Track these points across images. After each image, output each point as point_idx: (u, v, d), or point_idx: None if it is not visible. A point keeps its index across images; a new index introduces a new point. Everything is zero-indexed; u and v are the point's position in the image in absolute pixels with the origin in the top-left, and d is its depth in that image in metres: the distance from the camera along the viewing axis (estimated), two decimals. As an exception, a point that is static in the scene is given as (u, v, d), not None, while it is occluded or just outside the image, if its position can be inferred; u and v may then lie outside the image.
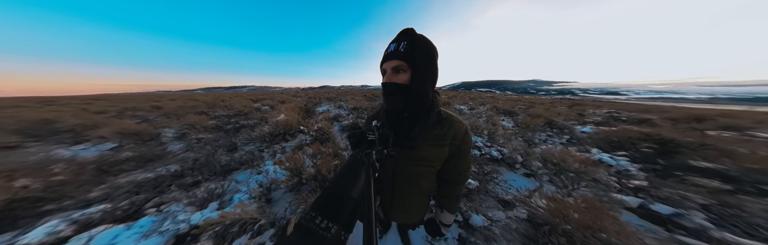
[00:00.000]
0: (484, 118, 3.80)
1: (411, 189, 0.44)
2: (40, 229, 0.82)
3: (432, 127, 0.38)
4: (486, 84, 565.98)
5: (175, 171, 1.38)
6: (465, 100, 8.80)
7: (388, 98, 0.36)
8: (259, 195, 1.09)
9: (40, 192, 1.05)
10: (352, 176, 0.25)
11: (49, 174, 1.24)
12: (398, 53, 0.33)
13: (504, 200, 1.12)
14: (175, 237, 0.80)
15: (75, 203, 1.04)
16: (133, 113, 4.18)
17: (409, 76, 0.34)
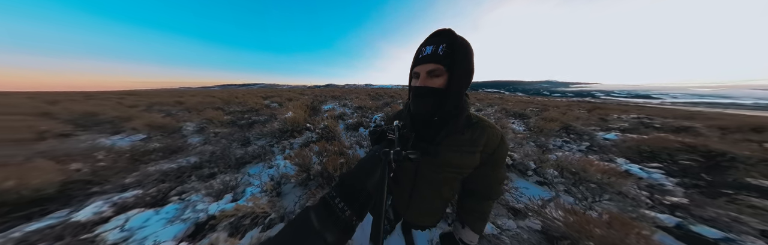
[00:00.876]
0: (492, 120, 3.72)
1: (431, 193, 0.42)
2: (88, 209, 0.95)
3: (461, 132, 0.36)
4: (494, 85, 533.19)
5: (195, 163, 1.52)
6: (472, 101, 8.66)
7: (419, 101, 0.34)
8: (271, 189, 1.15)
9: (88, 176, 1.22)
10: (368, 171, 0.26)
11: (94, 160, 1.43)
12: (436, 56, 0.31)
13: (514, 208, 1.07)
14: (195, 224, 0.88)
15: (114, 187, 1.19)
16: (159, 108, 4.62)
17: (446, 80, 0.32)
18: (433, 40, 0.32)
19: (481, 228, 0.43)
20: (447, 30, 0.32)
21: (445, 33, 0.32)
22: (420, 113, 0.36)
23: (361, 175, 0.25)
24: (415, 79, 0.35)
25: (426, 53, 0.32)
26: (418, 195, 0.43)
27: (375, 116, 3.61)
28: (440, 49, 0.31)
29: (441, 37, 0.32)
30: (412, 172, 0.40)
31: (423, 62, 0.32)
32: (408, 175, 0.41)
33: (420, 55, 0.32)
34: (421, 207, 0.45)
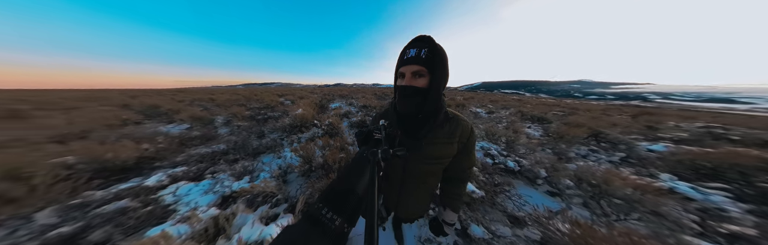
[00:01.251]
0: (505, 124, 3.40)
1: (418, 185, 0.46)
2: (153, 178, 1.30)
3: (440, 126, 0.40)
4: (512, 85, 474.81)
5: (223, 149, 1.85)
6: (484, 102, 7.88)
7: (406, 100, 0.38)
8: (278, 176, 1.37)
9: (153, 154, 1.62)
10: (357, 173, 0.25)
11: (156, 143, 1.87)
12: (419, 59, 0.34)
13: (514, 216, 1.03)
14: (221, 197, 1.13)
15: (168, 163, 1.56)
16: (198, 103, 5.53)
17: (428, 80, 0.36)
18: (416, 44, 0.35)
19: (458, 207, 0.50)
20: (427, 37, 0.36)
21: (426, 39, 0.35)
22: (407, 111, 0.39)
23: (350, 178, 0.25)
24: (400, 79, 0.38)
25: (410, 55, 0.35)
26: (406, 189, 0.46)
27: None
28: (423, 52, 0.34)
29: (423, 43, 0.35)
30: (400, 168, 0.44)
31: (408, 63, 0.35)
32: (396, 171, 0.44)
33: (405, 57, 0.36)
34: (410, 200, 0.49)
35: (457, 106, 5.43)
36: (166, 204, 1.05)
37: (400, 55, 0.37)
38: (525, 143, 2.15)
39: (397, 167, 0.44)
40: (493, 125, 2.70)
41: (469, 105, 6.02)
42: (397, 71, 0.38)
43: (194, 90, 20.92)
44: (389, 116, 0.44)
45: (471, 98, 9.26)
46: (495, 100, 9.37)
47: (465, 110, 4.81)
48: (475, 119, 3.85)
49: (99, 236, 0.81)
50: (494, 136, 2.26)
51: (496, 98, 10.91)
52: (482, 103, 7.51)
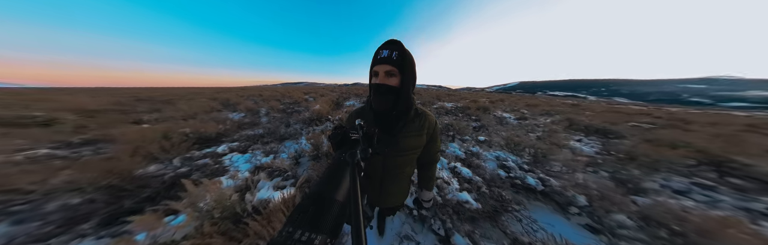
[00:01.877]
0: (540, 133, 2.83)
1: (398, 176, 0.51)
2: (221, 147, 1.97)
3: (412, 121, 0.46)
4: (565, 85, 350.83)
5: (261, 133, 2.50)
6: (518, 106, 6.56)
7: (380, 98, 0.41)
8: (293, 157, 1.77)
9: (222, 132, 2.40)
10: (336, 179, 0.24)
11: (225, 125, 2.73)
12: (391, 60, 0.38)
13: (518, 239, 0.91)
14: (254, 166, 1.60)
15: (229, 139, 2.28)
16: (252, 98, 7.30)
17: (399, 80, 0.40)
18: (388, 46, 0.39)
19: (432, 186, 0.59)
20: (398, 41, 0.40)
21: (397, 42, 0.40)
22: (382, 108, 0.43)
23: (328, 187, 0.23)
24: (374, 77, 0.41)
25: (383, 56, 0.39)
26: (389, 181, 0.51)
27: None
28: (394, 54, 0.38)
29: (394, 45, 0.39)
30: (380, 163, 0.48)
31: (381, 62, 0.39)
32: (376, 167, 0.48)
33: (378, 57, 0.39)
34: (392, 190, 0.53)
35: (478, 109, 4.80)
36: (224, 165, 1.61)
37: (374, 56, 0.41)
38: (565, 159, 1.71)
39: (377, 163, 0.48)
40: (520, 134, 2.38)
41: (494, 109, 5.29)
42: (372, 69, 0.41)
43: (250, 88, 27.47)
44: (365, 114, 0.48)
45: (500, 101, 8.00)
46: (534, 104, 7.60)
47: (488, 115, 4.28)
48: (498, 126, 3.38)
49: (195, 176, 1.37)
50: (517, 146, 1.99)
51: (537, 102, 8.73)
52: (515, 107, 6.32)
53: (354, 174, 0.24)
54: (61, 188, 1.02)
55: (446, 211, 1.04)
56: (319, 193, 0.23)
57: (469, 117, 4.09)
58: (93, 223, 0.91)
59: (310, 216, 0.20)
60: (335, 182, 0.24)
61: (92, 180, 1.06)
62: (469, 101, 6.63)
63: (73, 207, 0.97)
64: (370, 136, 0.34)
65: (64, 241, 0.83)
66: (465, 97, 10.39)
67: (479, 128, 3.18)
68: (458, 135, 2.62)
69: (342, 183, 0.24)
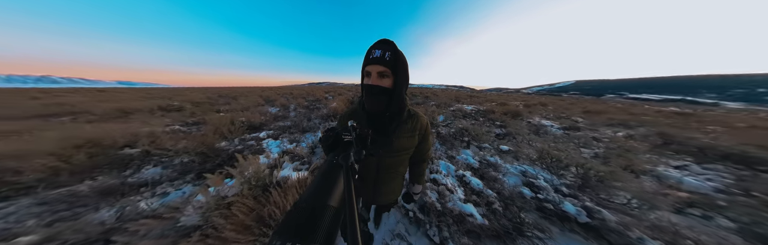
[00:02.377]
0: (600, 150, 2.11)
1: (392, 175, 0.52)
2: (262, 133, 2.55)
3: (405, 122, 0.46)
4: (667, 84, 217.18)
5: (288, 125, 3.08)
6: (570, 112, 5.14)
7: (373, 99, 0.41)
8: (310, 147, 2.15)
9: (264, 122, 3.11)
10: (328, 184, 0.23)
11: (266, 116, 3.49)
12: (384, 60, 0.37)
13: None
14: (282, 151, 2.01)
15: (267, 128, 2.95)
16: (285, 96, 8.77)
17: (392, 81, 0.39)
18: (381, 46, 0.38)
19: (422, 181, 0.62)
20: (390, 41, 0.38)
21: (389, 42, 0.38)
22: (375, 109, 0.43)
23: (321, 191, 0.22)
24: (367, 77, 0.40)
25: (376, 55, 0.37)
26: (383, 181, 0.52)
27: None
28: (387, 55, 0.37)
29: (387, 45, 0.38)
30: (374, 164, 0.48)
31: (374, 62, 0.38)
32: (370, 168, 0.49)
33: (371, 56, 0.38)
34: (386, 189, 0.54)
35: (505, 113, 4.14)
36: (263, 147, 2.11)
37: (366, 55, 0.39)
38: (640, 189, 1.22)
39: (371, 164, 0.49)
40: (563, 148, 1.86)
41: (530, 114, 4.43)
42: (364, 69, 0.40)
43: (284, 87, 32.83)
44: (357, 115, 0.47)
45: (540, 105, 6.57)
46: (597, 111, 5.64)
47: (518, 121, 3.65)
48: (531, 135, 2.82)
49: (245, 152, 1.87)
50: (556, 162, 1.52)
51: (602, 108, 6.39)
52: (564, 113, 5.07)
53: (349, 178, 0.23)
54: (181, 150, 1.70)
55: (445, 220, 0.99)
56: (311, 201, 0.21)
57: (492, 122, 3.65)
58: (192, 176, 1.48)
59: (300, 226, 0.18)
60: (328, 187, 0.22)
61: (194, 148, 1.72)
62: (496, 104, 5.90)
63: (185, 163, 1.60)
64: (363, 137, 0.33)
65: (178, 184, 1.39)
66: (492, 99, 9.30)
67: (503, 135, 2.78)
68: (474, 142, 2.40)
69: (335, 188, 0.22)
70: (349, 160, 0.26)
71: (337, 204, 0.21)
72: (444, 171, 1.58)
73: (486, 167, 1.71)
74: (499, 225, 0.98)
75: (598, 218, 0.99)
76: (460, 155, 1.96)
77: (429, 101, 7.07)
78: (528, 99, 10.69)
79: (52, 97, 6.63)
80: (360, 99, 0.47)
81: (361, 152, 0.29)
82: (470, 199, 1.19)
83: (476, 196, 1.23)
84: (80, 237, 0.82)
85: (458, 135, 2.55)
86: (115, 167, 1.46)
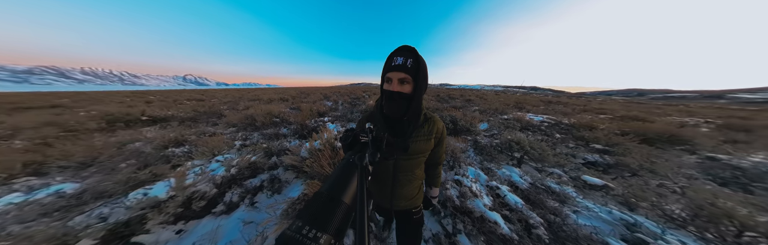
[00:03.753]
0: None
1: (409, 178, 0.55)
2: (326, 118, 3.95)
3: (421, 126, 0.50)
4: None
5: (339, 115, 4.44)
6: None
7: (393, 104, 0.45)
8: None
9: (324, 112, 4.72)
10: (343, 181, 0.25)
11: (325, 108, 5.11)
12: (405, 68, 0.41)
13: None
14: (337, 130, 3.09)
15: (327, 116, 4.45)
16: (335, 94, 11.39)
17: (412, 87, 0.43)
18: (403, 53, 0.42)
19: (438, 183, 0.66)
20: (412, 47, 0.42)
21: (411, 49, 0.42)
22: (394, 114, 0.47)
23: (336, 188, 0.23)
24: (387, 83, 0.44)
25: (398, 63, 0.41)
26: (400, 184, 0.54)
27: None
28: (409, 62, 0.41)
29: (408, 53, 0.41)
30: (391, 166, 0.51)
31: (395, 69, 0.41)
32: (387, 169, 0.52)
33: (393, 64, 0.42)
34: (403, 193, 0.56)
35: (623, 134, 2.48)
36: (328, 127, 3.31)
37: (387, 62, 0.43)
38: None
39: (389, 166, 0.51)
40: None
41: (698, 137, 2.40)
42: (384, 75, 0.44)
43: (332, 87, 41.23)
44: (376, 118, 0.50)
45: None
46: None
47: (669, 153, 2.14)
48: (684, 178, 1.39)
49: (319, 128, 3.14)
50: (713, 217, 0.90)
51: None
52: None
53: (362, 178, 0.25)
54: (295, 122, 3.32)
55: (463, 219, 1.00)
56: (329, 193, 0.23)
57: (584, 144, 2.47)
58: (296, 136, 2.89)
59: (319, 214, 0.20)
60: (344, 184, 0.24)
61: (299, 121, 3.29)
62: (608, 118, 3.94)
63: (294, 129, 3.18)
64: (378, 140, 0.35)
65: (292, 139, 2.75)
66: (599, 109, 6.02)
67: (606, 166, 1.84)
68: (533, 162, 1.86)
69: (350, 186, 0.24)
70: (364, 160, 0.28)
71: (350, 202, 0.23)
72: (472, 176, 1.44)
73: (541, 192, 1.35)
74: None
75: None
76: (501, 170, 1.69)
77: (471, 105, 6.05)
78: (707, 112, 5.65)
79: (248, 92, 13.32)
80: (378, 103, 0.50)
81: (375, 155, 0.31)
82: (498, 210, 1.08)
83: (508, 211, 1.10)
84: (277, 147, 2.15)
85: (506, 148, 2.04)
86: (273, 126, 3.32)
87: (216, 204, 1.29)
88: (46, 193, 1.09)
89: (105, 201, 1.06)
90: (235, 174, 1.57)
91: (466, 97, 8.83)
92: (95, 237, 0.82)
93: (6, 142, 2.10)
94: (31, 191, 1.17)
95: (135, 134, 2.35)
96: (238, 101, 6.97)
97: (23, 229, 0.81)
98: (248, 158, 1.80)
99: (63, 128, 2.60)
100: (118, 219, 0.93)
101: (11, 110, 4.27)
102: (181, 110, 4.37)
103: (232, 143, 2.41)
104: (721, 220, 0.97)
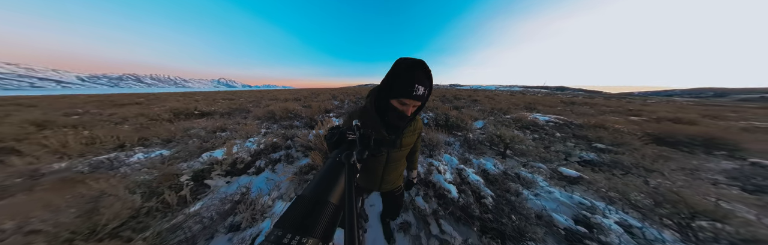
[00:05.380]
0: None
1: (397, 166, 0.68)
2: (331, 114, 4.60)
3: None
4: None
5: (342, 113, 5.07)
6: None
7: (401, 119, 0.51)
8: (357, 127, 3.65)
9: (331, 109, 5.42)
10: (330, 181, 0.24)
11: (332, 106, 5.82)
12: (423, 98, 0.46)
13: None
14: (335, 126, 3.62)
15: (333, 112, 5.07)
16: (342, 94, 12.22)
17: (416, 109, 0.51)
18: (423, 81, 0.44)
19: (417, 167, 0.81)
20: (429, 70, 0.44)
21: (429, 75, 0.45)
22: (397, 124, 0.53)
23: (322, 187, 0.23)
24: (398, 103, 0.47)
25: (419, 93, 0.44)
26: (389, 171, 0.66)
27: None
28: (426, 92, 0.46)
29: (427, 81, 0.45)
30: (385, 157, 0.62)
31: (415, 98, 0.45)
32: (379, 161, 0.62)
33: (414, 93, 0.44)
34: (389, 178, 0.69)
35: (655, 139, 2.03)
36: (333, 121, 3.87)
37: (407, 83, 0.43)
38: None
39: (382, 157, 0.62)
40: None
41: None
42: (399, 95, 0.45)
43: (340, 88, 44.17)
44: (369, 118, 0.54)
45: None
46: None
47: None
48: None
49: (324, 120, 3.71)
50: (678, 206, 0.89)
51: None
52: None
53: (350, 176, 0.25)
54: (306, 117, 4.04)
55: (425, 189, 1.27)
56: (312, 195, 0.22)
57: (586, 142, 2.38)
58: (306, 127, 3.56)
59: (301, 218, 0.19)
60: (330, 184, 0.24)
61: (310, 116, 4.04)
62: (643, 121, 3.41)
63: (305, 122, 3.89)
64: (366, 137, 0.35)
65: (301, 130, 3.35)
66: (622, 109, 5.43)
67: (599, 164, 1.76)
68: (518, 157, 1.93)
69: (337, 185, 0.24)
70: (352, 159, 0.28)
71: (337, 202, 0.22)
72: (446, 161, 1.70)
73: (511, 179, 1.44)
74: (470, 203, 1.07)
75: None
76: (479, 160, 1.79)
77: (476, 105, 6.17)
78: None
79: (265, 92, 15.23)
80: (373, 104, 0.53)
81: (363, 152, 0.31)
82: (458, 185, 1.27)
83: (466, 187, 1.27)
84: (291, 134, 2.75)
85: (489, 142, 2.18)
86: (292, 119, 4.09)
87: (250, 167, 1.90)
88: (155, 154, 1.95)
89: (189, 159, 1.84)
90: (263, 149, 2.21)
91: (473, 98, 8.91)
92: (188, 176, 1.45)
93: (120, 126, 3.20)
94: (148, 152, 2.03)
95: (191, 124, 3.24)
96: (260, 100, 8.10)
97: (152, 169, 1.50)
98: (271, 139, 2.40)
99: (149, 117, 3.79)
100: (196, 168, 1.61)
101: (114, 105, 6.19)
102: (219, 106, 5.57)
103: (259, 130, 3.18)
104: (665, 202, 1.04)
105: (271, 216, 1.06)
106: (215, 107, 5.26)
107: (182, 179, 1.37)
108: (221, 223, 1.03)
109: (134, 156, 1.87)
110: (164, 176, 1.33)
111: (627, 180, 1.33)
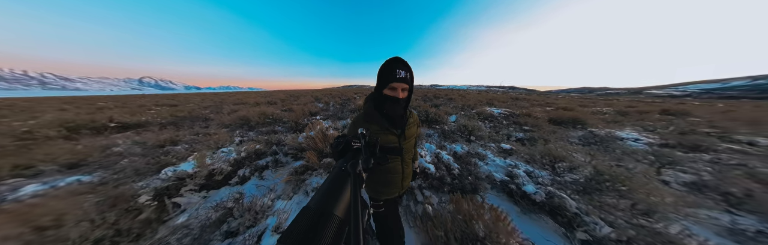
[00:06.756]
0: None
1: (410, 156, 0.73)
2: (318, 117, 4.45)
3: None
4: None
5: (329, 115, 4.91)
6: None
7: (396, 106, 0.59)
8: (340, 129, 3.56)
9: (318, 111, 5.07)
10: (335, 192, 0.23)
11: (316, 108, 5.55)
12: (407, 80, 0.56)
13: None
14: (328, 126, 3.52)
15: (320, 115, 4.86)
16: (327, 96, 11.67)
17: (407, 93, 0.60)
18: (402, 67, 0.56)
19: (417, 157, 0.85)
20: (405, 61, 0.56)
21: (405, 63, 0.57)
22: (395, 113, 0.62)
23: (327, 199, 0.22)
24: (390, 90, 0.58)
25: (401, 76, 0.55)
26: (406, 164, 0.71)
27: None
28: (408, 75, 0.57)
29: (405, 66, 0.57)
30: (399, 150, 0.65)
31: (400, 81, 0.56)
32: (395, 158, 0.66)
33: (398, 76, 0.55)
34: (408, 171, 0.73)
35: (551, 120, 4.06)
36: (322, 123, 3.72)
37: (389, 72, 0.56)
38: None
39: (398, 150, 0.65)
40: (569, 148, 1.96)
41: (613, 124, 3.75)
42: (387, 83, 0.57)
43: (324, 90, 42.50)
44: (374, 118, 0.62)
45: None
46: None
47: (554, 127, 3.55)
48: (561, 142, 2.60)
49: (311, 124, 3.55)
50: (556, 160, 1.73)
51: None
52: None
53: (355, 187, 0.24)
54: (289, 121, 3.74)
55: None
56: (317, 206, 0.21)
57: (518, 126, 3.57)
58: (291, 131, 3.31)
59: (306, 233, 0.18)
60: (335, 196, 0.23)
61: (294, 120, 3.72)
62: (551, 109, 5.33)
63: (289, 127, 3.62)
64: (372, 145, 0.35)
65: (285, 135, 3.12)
66: (543, 102, 7.97)
67: (525, 140, 2.74)
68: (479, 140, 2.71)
69: (342, 196, 0.23)
70: (357, 168, 0.28)
71: (343, 215, 0.21)
72: (427, 148, 2.20)
73: (472, 156, 2.04)
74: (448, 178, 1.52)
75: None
76: (452, 145, 2.42)
77: (451, 103, 7.24)
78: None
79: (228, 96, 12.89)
80: (371, 105, 0.63)
81: (369, 160, 0.30)
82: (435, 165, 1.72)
83: (440, 164, 1.74)
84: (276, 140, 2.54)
85: (459, 132, 2.98)
86: (271, 124, 3.72)
87: (231, 178, 1.70)
88: (67, 181, 1.35)
89: (140, 179, 1.44)
90: (244, 157, 2.00)
91: (449, 96, 10.05)
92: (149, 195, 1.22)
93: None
94: (45, 182, 1.36)
95: (110, 140, 2.31)
96: (220, 105, 6.92)
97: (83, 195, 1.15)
98: (254, 146, 2.16)
99: (16, 137, 2.26)
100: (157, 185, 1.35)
101: None
102: (154, 115, 4.30)
103: (232, 139, 2.75)
104: (555, 159, 1.87)
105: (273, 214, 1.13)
106: (147, 117, 4.02)
107: (141, 200, 1.14)
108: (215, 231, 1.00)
109: (22, 190, 1.24)
110: (112, 200, 1.07)
111: (534, 148, 2.17)
